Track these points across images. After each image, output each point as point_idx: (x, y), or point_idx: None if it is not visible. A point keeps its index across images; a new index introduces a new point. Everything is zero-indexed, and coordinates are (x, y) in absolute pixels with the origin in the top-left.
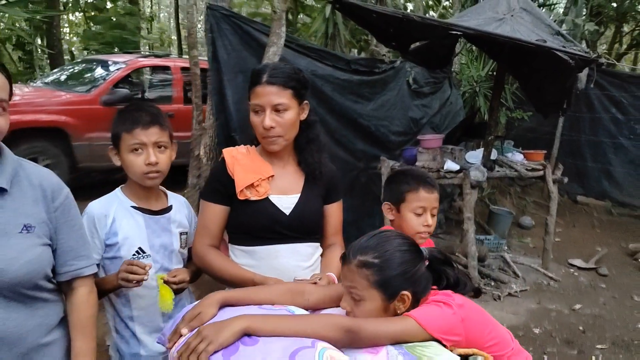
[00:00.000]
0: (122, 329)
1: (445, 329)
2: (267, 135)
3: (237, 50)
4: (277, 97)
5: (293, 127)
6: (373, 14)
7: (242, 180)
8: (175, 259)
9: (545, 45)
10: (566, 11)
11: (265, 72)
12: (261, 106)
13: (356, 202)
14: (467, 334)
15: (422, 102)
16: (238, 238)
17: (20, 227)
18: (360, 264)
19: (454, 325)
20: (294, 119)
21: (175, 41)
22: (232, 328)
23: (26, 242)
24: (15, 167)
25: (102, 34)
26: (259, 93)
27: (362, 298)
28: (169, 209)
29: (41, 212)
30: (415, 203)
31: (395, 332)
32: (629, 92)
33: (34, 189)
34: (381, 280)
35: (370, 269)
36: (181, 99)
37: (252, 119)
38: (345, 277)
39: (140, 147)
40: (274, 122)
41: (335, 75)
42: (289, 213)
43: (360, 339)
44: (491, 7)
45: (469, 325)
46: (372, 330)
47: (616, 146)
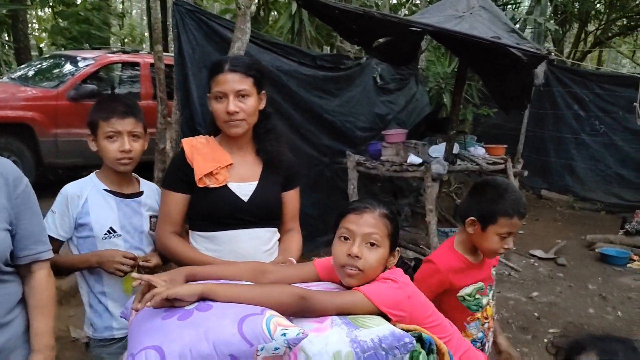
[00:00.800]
0: (95, 304)
1: (391, 303)
2: (231, 119)
3: (202, 45)
4: (239, 84)
5: (254, 113)
6: (336, 10)
7: (201, 168)
8: (145, 240)
9: (499, 42)
10: (531, 10)
11: (227, 62)
12: (224, 93)
13: (322, 197)
14: (411, 311)
15: (388, 98)
16: (198, 224)
17: None
18: (382, 215)
19: (400, 301)
20: (255, 105)
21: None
22: (191, 287)
23: None
24: None
25: (68, 29)
26: (222, 80)
27: (379, 244)
28: (140, 193)
29: (2, 199)
30: (506, 229)
31: (343, 303)
32: (590, 89)
33: None
34: (394, 232)
35: (389, 220)
36: (150, 95)
37: (214, 106)
38: (366, 224)
39: (116, 135)
40: (237, 107)
41: (300, 71)
42: (247, 200)
43: (311, 306)
44: (452, 5)
45: (414, 304)
46: (322, 299)
47: (578, 142)
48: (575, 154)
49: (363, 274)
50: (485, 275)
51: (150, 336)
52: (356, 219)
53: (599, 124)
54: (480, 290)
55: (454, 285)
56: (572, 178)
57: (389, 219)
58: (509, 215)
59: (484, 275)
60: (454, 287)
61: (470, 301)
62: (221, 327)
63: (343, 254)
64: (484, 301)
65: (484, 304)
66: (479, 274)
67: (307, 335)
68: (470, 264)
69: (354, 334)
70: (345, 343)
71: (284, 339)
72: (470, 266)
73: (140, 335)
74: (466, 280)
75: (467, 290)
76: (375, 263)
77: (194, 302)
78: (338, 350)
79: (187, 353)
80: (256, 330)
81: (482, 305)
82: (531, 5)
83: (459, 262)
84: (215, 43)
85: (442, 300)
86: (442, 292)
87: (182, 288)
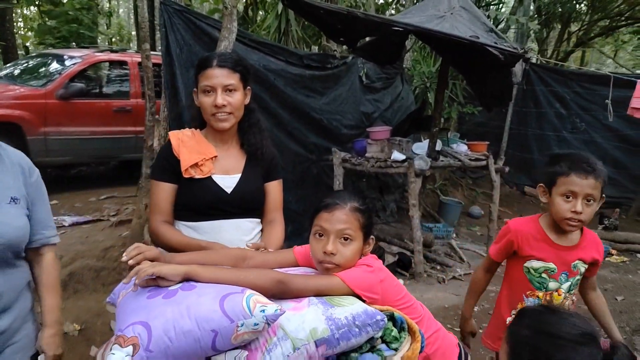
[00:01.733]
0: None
1: (365, 286)
2: (218, 113)
3: (189, 44)
4: (227, 78)
5: (240, 107)
6: (320, 10)
7: (187, 159)
8: None
9: (478, 41)
10: (514, 10)
11: (214, 58)
12: (212, 87)
13: (308, 193)
14: (384, 294)
15: (374, 97)
16: (183, 214)
17: (8, 198)
18: (353, 209)
19: (373, 284)
20: (242, 100)
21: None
22: (175, 267)
23: (15, 212)
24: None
25: (57, 28)
26: (210, 75)
27: (353, 238)
28: None
29: (21, 187)
30: (565, 187)
31: (320, 287)
32: (571, 88)
33: (13, 167)
34: (366, 223)
35: (360, 213)
36: (139, 94)
37: (201, 100)
38: (338, 221)
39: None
40: (225, 101)
41: (287, 70)
42: (230, 192)
43: (289, 289)
44: (434, 5)
45: (386, 287)
46: (300, 283)
47: (560, 139)
48: (557, 151)
49: (340, 267)
50: (563, 261)
51: (137, 313)
52: (328, 216)
53: (580, 121)
54: (551, 272)
55: (522, 249)
56: None
57: (360, 211)
58: (565, 173)
59: (561, 260)
60: (521, 253)
61: (534, 276)
62: (203, 304)
63: (319, 251)
64: (550, 285)
65: (551, 287)
66: (557, 256)
67: (285, 312)
68: (548, 239)
69: (329, 312)
70: (321, 320)
71: (262, 315)
72: (547, 241)
73: (127, 313)
74: (537, 253)
75: (534, 264)
76: (350, 256)
77: (178, 282)
78: (314, 327)
79: (170, 328)
80: (236, 308)
81: (547, 286)
82: (514, 5)
83: (534, 231)
84: (203, 42)
85: (510, 265)
86: (512, 255)
87: (166, 266)
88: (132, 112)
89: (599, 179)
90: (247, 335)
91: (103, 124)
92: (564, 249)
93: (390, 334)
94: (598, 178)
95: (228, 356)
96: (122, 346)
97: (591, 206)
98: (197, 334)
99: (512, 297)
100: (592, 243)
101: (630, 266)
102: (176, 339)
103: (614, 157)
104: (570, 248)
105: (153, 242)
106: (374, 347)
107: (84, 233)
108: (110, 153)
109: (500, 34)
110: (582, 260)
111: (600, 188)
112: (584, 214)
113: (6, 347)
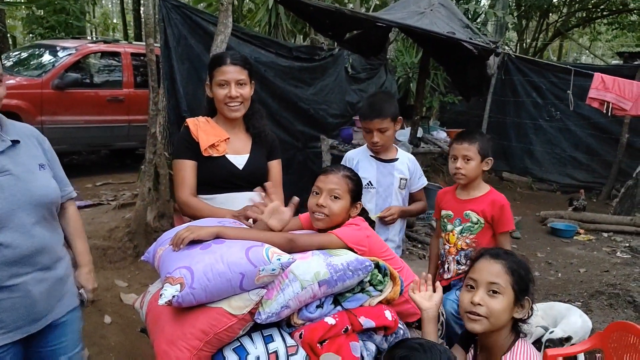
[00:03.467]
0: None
1: (355, 240)
2: (231, 103)
3: (185, 39)
4: (239, 74)
5: (249, 98)
6: (310, 7)
7: (206, 140)
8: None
9: (454, 37)
10: (493, 3)
11: (227, 56)
12: (227, 81)
13: (294, 179)
14: (371, 246)
15: (359, 87)
16: (202, 189)
17: (37, 166)
18: (345, 176)
19: (361, 239)
20: (250, 93)
21: (121, 26)
22: (208, 229)
23: (46, 176)
24: (10, 124)
25: (45, 18)
26: (225, 71)
27: (341, 197)
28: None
29: (41, 154)
30: (452, 152)
31: (321, 242)
32: (546, 78)
33: (30, 139)
34: (354, 189)
35: (351, 180)
36: (131, 83)
37: (216, 91)
38: (330, 182)
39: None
40: (238, 93)
41: (277, 62)
42: (242, 168)
43: (297, 245)
44: (415, 2)
45: (372, 241)
46: (305, 240)
47: (536, 127)
48: (534, 139)
49: (328, 218)
50: (457, 210)
51: (181, 260)
52: (324, 178)
53: (555, 110)
54: (449, 217)
55: (441, 205)
56: (531, 161)
57: (349, 178)
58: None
59: (456, 209)
60: (441, 206)
61: (442, 222)
62: (233, 253)
63: (313, 204)
64: (448, 227)
65: (448, 229)
66: (455, 206)
67: (295, 260)
68: (454, 195)
69: (328, 260)
70: (323, 266)
71: (279, 262)
72: (452, 195)
73: (172, 261)
74: (445, 205)
75: (442, 213)
76: (337, 210)
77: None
78: (317, 271)
79: (208, 270)
80: (258, 256)
81: (447, 229)
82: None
83: (450, 191)
84: (198, 36)
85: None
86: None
87: (202, 231)
88: (125, 102)
89: (474, 143)
90: (266, 277)
91: (97, 113)
92: (461, 201)
93: (376, 278)
94: (472, 143)
95: (252, 294)
96: (172, 284)
97: (470, 164)
98: (228, 275)
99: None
100: (489, 201)
101: (595, 244)
102: (213, 279)
103: (587, 144)
104: (466, 201)
105: (182, 212)
106: (363, 288)
107: (88, 216)
108: (104, 141)
109: (475, 30)
110: (474, 212)
111: (477, 150)
112: (464, 169)
113: (65, 293)
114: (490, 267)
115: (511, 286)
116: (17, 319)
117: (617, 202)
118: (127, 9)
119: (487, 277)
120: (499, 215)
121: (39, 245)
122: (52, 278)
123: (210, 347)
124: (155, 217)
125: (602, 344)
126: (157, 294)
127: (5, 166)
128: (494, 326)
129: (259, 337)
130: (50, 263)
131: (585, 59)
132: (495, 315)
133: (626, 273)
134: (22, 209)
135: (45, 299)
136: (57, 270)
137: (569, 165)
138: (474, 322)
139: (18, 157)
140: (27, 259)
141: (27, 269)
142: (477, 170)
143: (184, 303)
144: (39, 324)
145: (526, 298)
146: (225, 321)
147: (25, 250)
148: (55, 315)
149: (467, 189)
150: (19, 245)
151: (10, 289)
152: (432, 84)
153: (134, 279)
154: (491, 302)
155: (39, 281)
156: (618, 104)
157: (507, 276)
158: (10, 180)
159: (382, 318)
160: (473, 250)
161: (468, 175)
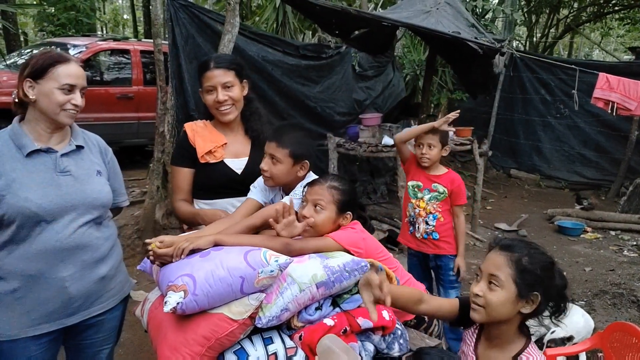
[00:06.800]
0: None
1: (351, 242)
2: (221, 106)
3: (193, 38)
4: (224, 77)
5: (240, 99)
6: (317, 7)
7: (202, 147)
8: None
9: (459, 36)
10: (502, 0)
11: (211, 60)
12: (213, 86)
13: None
14: (367, 248)
15: (366, 84)
16: (201, 194)
17: (95, 172)
18: (330, 186)
19: (357, 241)
20: (240, 93)
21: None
22: (207, 238)
23: (102, 181)
24: (80, 132)
25: (56, 15)
26: (209, 76)
27: (324, 208)
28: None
29: (101, 162)
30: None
31: (317, 245)
32: (555, 74)
33: (94, 147)
34: (341, 199)
35: (337, 191)
36: (141, 80)
37: (206, 98)
38: (315, 193)
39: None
40: (225, 96)
41: (284, 60)
42: (240, 173)
43: (294, 249)
44: (421, 0)
45: (368, 244)
46: (302, 243)
47: (545, 124)
48: (542, 136)
49: (312, 229)
50: (426, 181)
51: (182, 269)
52: (309, 189)
53: (564, 107)
54: (418, 187)
55: (408, 172)
56: (539, 158)
57: (335, 189)
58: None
59: (426, 181)
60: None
61: (410, 190)
62: (232, 258)
63: (300, 214)
64: (418, 195)
65: (418, 196)
66: (424, 178)
67: (293, 260)
68: (420, 168)
69: (325, 262)
70: (320, 268)
71: (276, 264)
72: (419, 168)
73: (174, 270)
74: (414, 176)
75: (410, 182)
76: (320, 221)
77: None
78: (315, 273)
79: (209, 276)
80: (257, 259)
81: (417, 196)
82: None
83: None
84: (206, 35)
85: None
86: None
87: (200, 240)
88: (134, 99)
89: (436, 134)
90: (265, 280)
91: (107, 111)
92: (430, 175)
93: None
94: (435, 133)
95: (251, 298)
96: (175, 291)
97: (433, 150)
98: (229, 279)
99: (405, 203)
100: (449, 179)
101: (602, 242)
102: (214, 284)
103: (595, 141)
104: (434, 176)
105: (174, 215)
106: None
107: None
108: (113, 138)
109: (481, 29)
110: (440, 184)
111: (438, 139)
112: (428, 154)
113: (104, 293)
114: (495, 258)
115: (513, 280)
116: (53, 311)
117: (626, 200)
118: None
119: (489, 268)
120: (457, 190)
121: (83, 242)
122: (93, 277)
123: (212, 352)
124: (164, 215)
125: (601, 344)
126: (157, 302)
127: (67, 167)
128: (492, 317)
129: (258, 340)
130: (92, 262)
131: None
132: (491, 307)
133: (631, 272)
134: (75, 207)
135: (83, 295)
136: (99, 269)
137: (578, 163)
138: (474, 311)
139: (81, 161)
140: (69, 253)
141: (68, 264)
142: (438, 155)
143: (188, 310)
144: (74, 317)
145: (534, 293)
146: (226, 327)
147: (68, 244)
148: (93, 312)
149: (429, 170)
150: (64, 238)
151: (48, 281)
152: (439, 81)
153: (142, 275)
154: (489, 294)
155: (78, 278)
156: (623, 104)
157: (509, 269)
158: (69, 180)
159: (379, 318)
160: (439, 215)
161: (432, 159)
